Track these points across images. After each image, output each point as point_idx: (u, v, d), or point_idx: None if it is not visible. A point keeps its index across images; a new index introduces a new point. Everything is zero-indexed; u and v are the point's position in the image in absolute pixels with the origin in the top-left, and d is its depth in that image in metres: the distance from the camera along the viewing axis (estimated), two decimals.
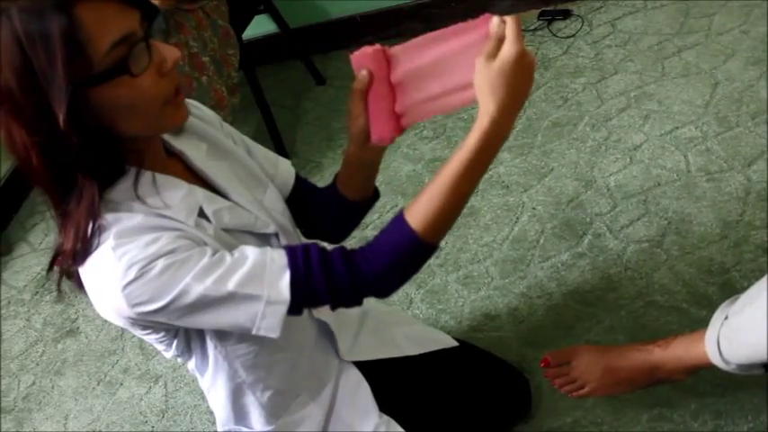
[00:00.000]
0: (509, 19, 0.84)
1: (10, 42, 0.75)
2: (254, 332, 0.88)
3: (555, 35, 2.49)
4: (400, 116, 0.99)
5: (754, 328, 1.00)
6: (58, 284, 0.88)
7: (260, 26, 2.74)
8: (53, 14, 0.74)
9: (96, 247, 0.83)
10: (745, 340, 1.03)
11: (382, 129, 0.99)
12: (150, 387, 1.85)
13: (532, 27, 2.55)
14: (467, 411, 1.34)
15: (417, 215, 0.89)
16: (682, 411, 1.36)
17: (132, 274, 0.81)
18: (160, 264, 0.82)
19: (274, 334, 0.88)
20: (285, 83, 2.84)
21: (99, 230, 0.83)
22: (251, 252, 0.88)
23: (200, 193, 0.94)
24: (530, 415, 1.44)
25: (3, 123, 0.80)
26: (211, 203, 0.94)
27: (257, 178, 1.08)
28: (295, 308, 0.88)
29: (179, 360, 1.07)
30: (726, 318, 1.08)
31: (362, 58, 0.95)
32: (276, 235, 1.03)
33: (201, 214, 0.93)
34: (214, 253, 0.87)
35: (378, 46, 0.95)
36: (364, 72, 0.95)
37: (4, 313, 2.27)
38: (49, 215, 2.63)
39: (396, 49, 0.96)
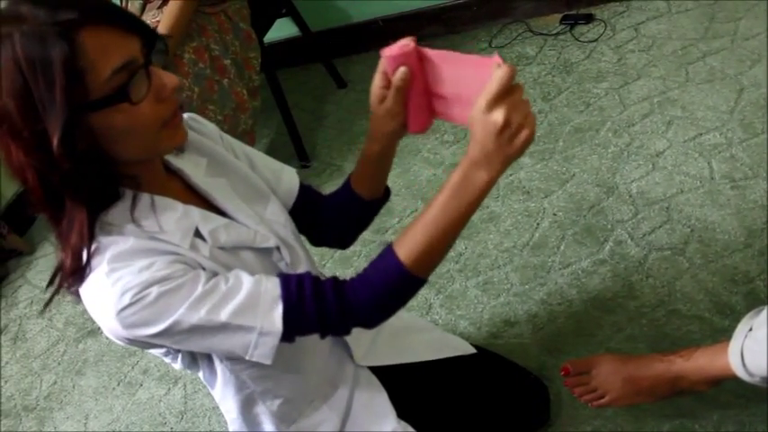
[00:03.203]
0: (502, 75, 0.79)
1: (11, 66, 0.75)
2: (247, 358, 0.90)
3: (577, 39, 2.47)
4: (432, 108, 1.01)
5: None
6: (50, 300, 0.89)
7: (282, 29, 2.76)
8: (55, 41, 0.74)
9: (91, 270, 0.84)
10: None
11: (422, 121, 1.01)
12: (170, 388, 1.86)
13: (555, 31, 2.54)
14: (485, 418, 1.33)
15: (406, 248, 0.89)
16: (704, 422, 1.34)
17: (126, 299, 0.82)
18: (154, 291, 0.83)
19: (267, 361, 0.90)
20: (306, 86, 2.84)
21: (94, 253, 0.84)
22: (246, 280, 0.89)
23: (196, 214, 0.93)
24: (548, 423, 1.43)
25: (2, 142, 0.81)
26: (207, 223, 0.94)
27: (258, 191, 1.08)
28: (287, 337, 0.90)
29: (189, 372, 1.07)
30: (750, 329, 1.06)
31: (399, 57, 0.95)
32: (277, 248, 1.03)
33: (198, 234, 0.93)
34: (209, 278, 0.87)
35: (412, 43, 0.94)
36: (405, 70, 0.94)
37: (27, 312, 2.30)
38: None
39: (426, 50, 0.95)
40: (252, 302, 0.88)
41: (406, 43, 0.94)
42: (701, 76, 2.10)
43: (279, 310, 0.88)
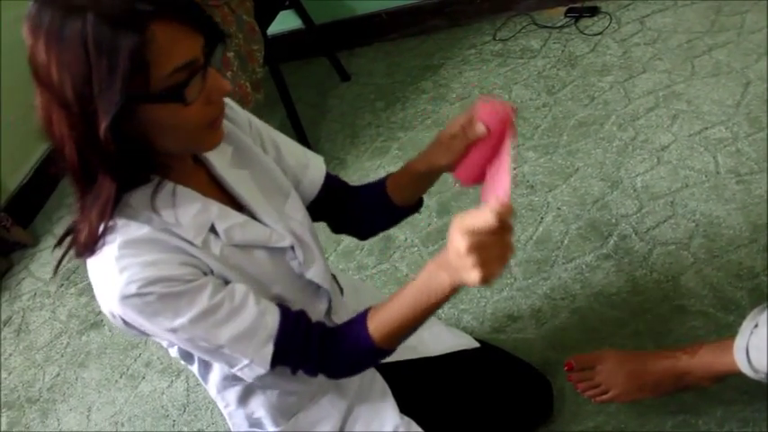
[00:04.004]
0: (487, 217, 0.76)
1: (77, 42, 0.74)
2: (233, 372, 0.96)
3: (582, 32, 2.46)
4: (484, 173, 1.04)
5: None
6: (60, 260, 0.90)
7: (285, 22, 2.75)
8: (127, 29, 0.74)
9: (102, 247, 0.84)
10: None
11: (470, 176, 1.06)
12: (172, 381, 1.87)
13: (559, 24, 2.53)
14: (488, 413, 1.33)
15: (377, 325, 0.95)
16: (707, 419, 1.33)
17: (132, 289, 0.83)
18: (158, 289, 0.84)
19: (250, 381, 0.97)
20: (310, 79, 2.83)
21: (107, 231, 0.84)
22: (250, 305, 0.91)
23: (214, 209, 0.93)
24: (551, 418, 1.42)
25: (44, 106, 0.80)
26: (224, 220, 0.94)
27: (279, 186, 1.07)
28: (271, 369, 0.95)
29: (182, 362, 1.07)
30: (756, 326, 1.05)
31: (490, 113, 0.98)
32: (292, 248, 1.03)
33: (213, 229, 0.93)
34: (215, 289, 0.88)
35: (509, 112, 0.98)
36: (484, 130, 0.99)
37: (30, 305, 2.30)
38: (75, 208, 2.66)
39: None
40: (250, 333, 0.91)
41: (504, 108, 0.98)
42: (707, 70, 2.09)
43: (270, 348, 0.93)
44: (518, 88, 2.34)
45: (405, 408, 1.23)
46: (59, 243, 0.89)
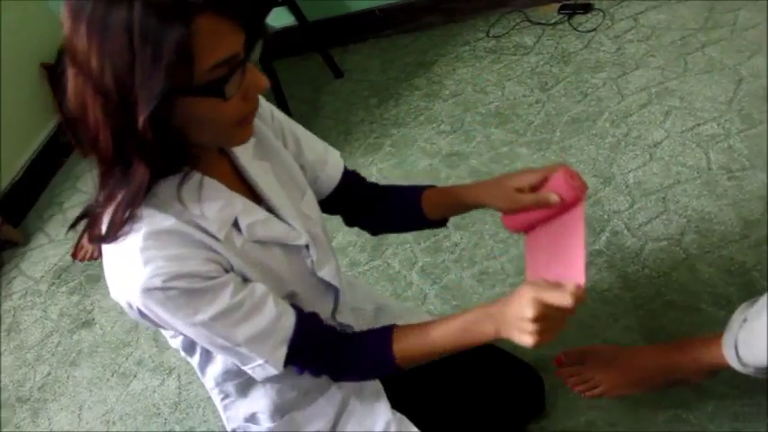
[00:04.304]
0: (565, 296, 0.85)
1: (122, 30, 0.73)
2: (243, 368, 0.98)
3: (576, 29, 2.45)
4: (533, 228, 1.09)
5: None
6: (79, 239, 0.90)
7: (278, 19, 2.74)
8: (174, 20, 0.73)
9: (125, 235, 0.83)
10: (765, 344, 1.00)
11: (519, 226, 1.11)
12: (164, 379, 1.86)
13: (553, 21, 2.52)
14: (480, 409, 1.33)
15: (404, 349, 0.99)
16: (699, 413, 1.33)
17: (155, 283, 0.82)
18: (182, 284, 0.83)
19: (259, 379, 0.98)
20: (303, 76, 2.83)
21: (132, 219, 0.83)
22: (269, 306, 0.92)
23: (239, 204, 0.93)
24: (544, 414, 1.42)
25: (78, 91, 0.79)
26: (247, 216, 0.93)
27: (297, 183, 1.07)
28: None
29: (182, 353, 1.06)
30: (744, 320, 1.05)
31: (566, 183, 1.00)
32: (306, 246, 1.02)
33: (235, 224, 0.92)
34: (237, 288, 0.89)
35: (584, 190, 1.01)
36: (557, 199, 1.01)
37: (21, 303, 2.29)
38: (66, 206, 2.66)
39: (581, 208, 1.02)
40: (267, 334, 0.92)
41: (581, 185, 1.00)
42: (700, 67, 2.09)
43: (284, 351, 0.94)
44: (511, 85, 2.33)
45: (397, 404, 1.22)
46: (74, 226, 0.89)
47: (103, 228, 0.84)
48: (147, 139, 0.77)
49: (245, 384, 1.10)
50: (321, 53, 2.73)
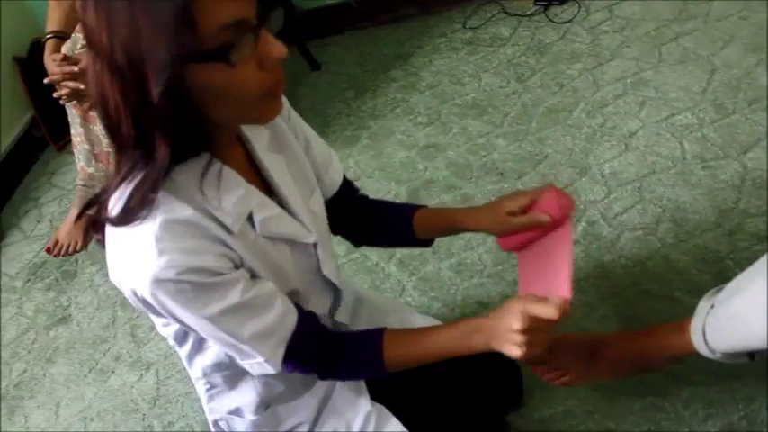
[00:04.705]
0: (551, 309, 0.89)
1: (124, 4, 0.72)
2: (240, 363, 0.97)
3: (551, 20, 2.46)
4: (526, 247, 1.13)
5: (741, 317, 0.98)
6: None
7: None
8: None
9: (141, 220, 0.81)
10: (732, 329, 1.01)
11: (514, 246, 1.14)
12: (142, 374, 1.85)
13: (529, 12, 2.53)
14: (458, 400, 1.33)
15: (394, 354, 1.01)
16: (674, 400, 1.35)
17: (168, 275, 0.80)
18: (194, 278, 0.82)
19: (255, 374, 0.98)
20: None
21: (149, 204, 0.80)
22: (277, 303, 0.92)
23: (255, 198, 0.91)
24: (522, 404, 1.43)
25: (97, 79, 0.77)
26: (262, 210, 0.92)
27: (307, 179, 1.06)
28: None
29: (171, 341, 1.05)
30: (712, 306, 1.06)
31: (555, 201, 1.04)
32: (315, 245, 1.02)
33: (249, 217, 0.91)
34: (247, 285, 0.88)
35: (571, 207, 1.06)
36: (548, 219, 1.05)
37: None
38: (41, 202, 2.62)
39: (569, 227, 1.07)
40: (270, 332, 0.92)
41: (569, 204, 1.05)
42: (674, 57, 2.11)
43: (283, 350, 0.94)
44: (488, 76, 2.34)
45: (376, 395, 1.22)
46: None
47: (114, 211, 0.82)
48: (165, 115, 0.75)
49: (233, 376, 1.09)
50: (298, 46, 2.71)
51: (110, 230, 0.85)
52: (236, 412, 1.15)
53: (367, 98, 2.47)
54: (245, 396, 1.12)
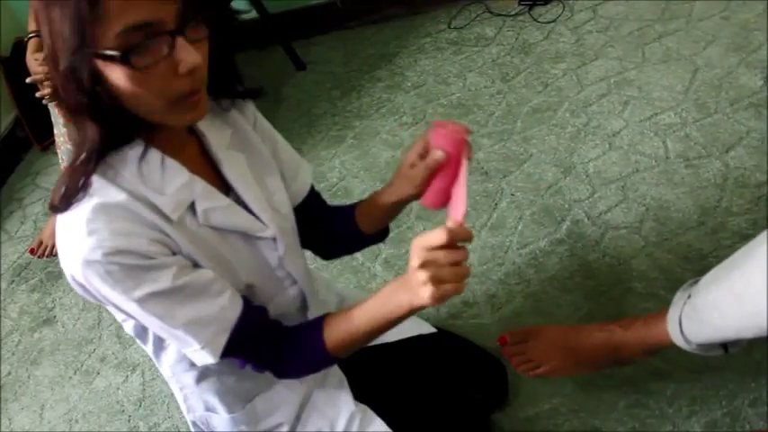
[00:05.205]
0: (441, 234, 0.82)
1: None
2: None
3: (536, 20, 2.47)
4: (450, 195, 1.05)
5: (717, 308, 0.99)
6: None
7: None
8: None
9: (77, 203, 0.82)
10: (708, 320, 1.01)
11: (440, 201, 1.05)
12: (127, 376, 1.84)
13: (513, 12, 2.54)
14: (443, 398, 1.33)
15: (333, 338, 0.97)
16: (658, 397, 1.36)
17: (96, 255, 0.80)
18: (123, 260, 0.82)
19: (199, 365, 0.96)
20: (265, 69, 2.81)
21: (83, 187, 0.82)
22: (213, 293, 0.90)
23: (199, 187, 0.91)
24: (507, 402, 1.43)
25: (53, 78, 0.81)
26: (206, 200, 0.92)
27: (272, 177, 1.06)
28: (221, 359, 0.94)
29: (138, 341, 1.05)
30: (688, 297, 1.07)
31: (446, 136, 0.99)
32: (273, 239, 1.01)
33: (192, 207, 0.91)
34: (179, 272, 0.87)
35: (464, 135, 0.99)
36: (441, 154, 0.99)
37: None
38: (26, 203, 2.61)
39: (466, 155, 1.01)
40: (207, 321, 0.90)
41: (458, 130, 0.98)
42: (658, 57, 2.12)
43: (224, 339, 0.92)
44: (473, 76, 2.35)
45: (360, 394, 1.23)
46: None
47: (56, 198, 0.83)
48: (84, 101, 0.78)
49: (201, 374, 1.08)
50: (283, 46, 2.71)
51: (57, 220, 0.86)
52: (213, 410, 1.15)
53: (352, 98, 2.47)
54: (216, 394, 1.12)
